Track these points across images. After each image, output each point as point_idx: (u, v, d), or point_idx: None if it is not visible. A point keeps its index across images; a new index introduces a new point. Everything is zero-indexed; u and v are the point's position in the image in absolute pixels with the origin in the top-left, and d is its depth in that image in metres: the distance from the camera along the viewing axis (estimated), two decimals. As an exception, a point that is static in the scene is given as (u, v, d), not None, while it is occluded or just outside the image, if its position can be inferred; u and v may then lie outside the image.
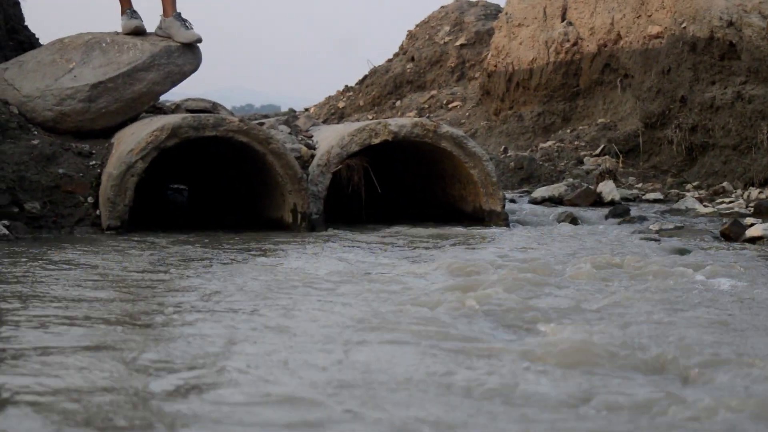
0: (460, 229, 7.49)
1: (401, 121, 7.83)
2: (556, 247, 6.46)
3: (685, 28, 11.38)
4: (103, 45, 8.19)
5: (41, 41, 9.99)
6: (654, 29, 13.05)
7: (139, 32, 8.36)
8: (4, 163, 7.27)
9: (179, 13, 8.28)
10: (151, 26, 8.42)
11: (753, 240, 6.78)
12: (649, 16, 13.27)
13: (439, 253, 6.10)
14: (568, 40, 15.02)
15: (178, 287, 4.82)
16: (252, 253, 6.13)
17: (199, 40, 8.27)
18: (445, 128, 7.81)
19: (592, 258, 5.61)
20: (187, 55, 8.24)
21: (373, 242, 6.79)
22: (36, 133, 7.80)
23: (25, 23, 10.19)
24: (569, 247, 6.46)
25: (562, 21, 15.26)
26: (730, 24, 10.62)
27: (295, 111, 24.07)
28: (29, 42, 9.82)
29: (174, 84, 8.26)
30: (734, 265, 5.41)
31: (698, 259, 5.77)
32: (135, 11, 8.45)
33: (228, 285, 4.80)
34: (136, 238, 6.78)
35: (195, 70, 8.38)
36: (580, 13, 14.95)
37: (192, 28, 8.24)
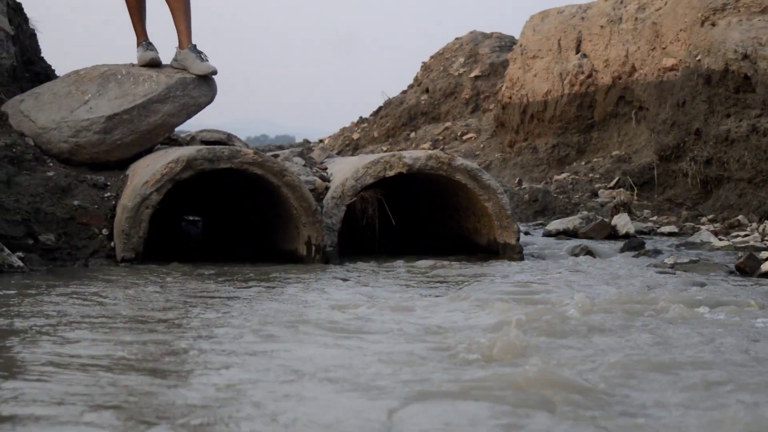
0: (475, 263, 7.45)
1: (416, 154, 7.83)
2: (575, 281, 6.43)
3: (699, 60, 11.37)
4: (119, 77, 8.21)
5: (57, 73, 10.03)
6: (669, 62, 13.05)
7: (154, 64, 8.38)
8: (20, 195, 7.28)
9: (195, 45, 8.30)
10: (166, 58, 8.45)
11: (768, 275, 6.75)
12: (664, 48, 13.27)
13: (466, 289, 6.04)
14: (583, 72, 15.03)
15: (193, 326, 4.79)
16: (269, 287, 6.09)
17: (215, 72, 8.28)
18: (460, 161, 7.80)
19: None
20: (202, 87, 8.25)
21: (392, 276, 6.75)
22: (51, 164, 7.81)
23: (41, 55, 10.23)
24: (586, 281, 6.42)
25: (577, 53, 15.28)
26: (745, 57, 10.62)
27: (309, 142, 24.13)
28: (45, 74, 9.85)
29: (189, 116, 8.27)
30: (750, 302, 5.37)
31: (714, 294, 5.72)
32: (151, 43, 8.48)
33: (247, 323, 4.74)
34: (150, 271, 6.76)
35: (210, 101, 8.39)
36: (594, 46, 14.96)
37: (207, 60, 8.26)
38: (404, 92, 21.60)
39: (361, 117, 22.14)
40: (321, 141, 22.73)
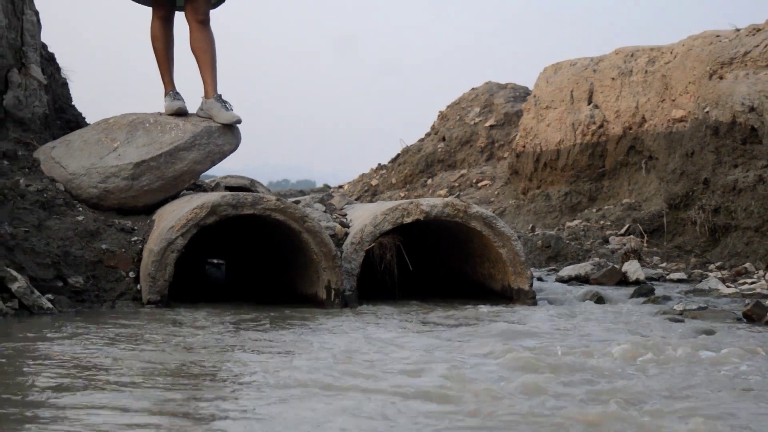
0: (491, 308, 7.43)
1: (432, 201, 7.82)
2: (589, 327, 6.41)
3: (708, 112, 11.36)
4: (147, 125, 8.24)
5: (87, 120, 10.08)
6: (678, 113, 13.05)
7: (181, 113, 8.41)
8: (50, 239, 7.30)
9: (220, 95, 8.33)
10: (192, 107, 8.49)
11: (775, 322, 6.71)
12: (673, 100, 13.27)
13: (485, 334, 6.02)
14: (595, 123, 15.04)
15: (225, 372, 4.78)
16: (294, 331, 6.07)
17: (239, 121, 8.31)
18: (475, 208, 7.80)
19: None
20: (227, 135, 8.28)
21: (413, 320, 6.74)
22: (81, 209, 7.83)
23: (72, 103, 10.29)
24: (600, 327, 6.40)
25: (589, 104, 15.29)
26: (752, 109, 10.60)
27: (329, 187, 24.15)
28: (76, 121, 9.90)
29: (214, 163, 8.29)
30: (757, 349, 5.35)
31: (722, 341, 5.70)
32: (178, 93, 8.52)
33: (277, 367, 4.72)
34: (174, 313, 6.76)
35: (235, 149, 8.41)
36: (606, 97, 14.98)
37: (232, 110, 8.29)
38: (421, 140, 21.62)
39: (379, 164, 22.16)
40: (341, 187, 22.76)
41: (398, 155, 21.62)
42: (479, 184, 18.74)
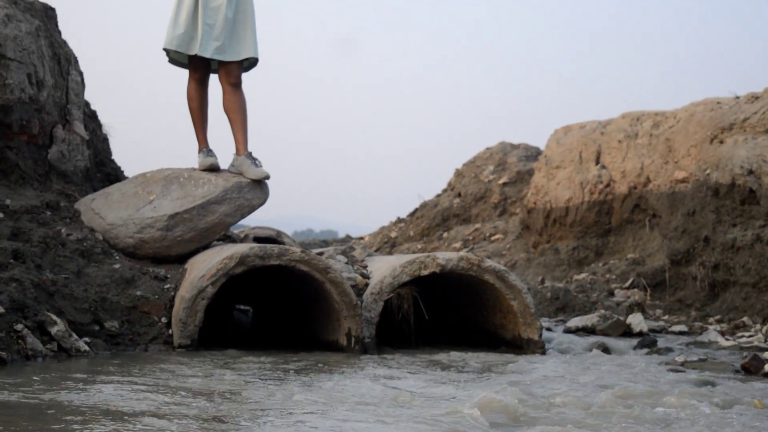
0: (502, 357, 7.41)
1: (448, 255, 7.83)
2: (598, 375, 6.39)
3: (708, 174, 11.36)
4: (181, 180, 8.29)
5: (126, 174, 10.14)
6: (680, 174, 13.05)
7: (213, 169, 8.46)
8: (88, 285, 7.32)
9: (250, 153, 8.38)
10: (224, 163, 8.53)
11: (771, 374, 6.67)
12: (676, 162, 13.28)
13: (498, 380, 6.01)
14: (602, 182, 15.04)
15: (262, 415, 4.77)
16: (319, 377, 6.04)
17: (268, 177, 8.35)
18: (489, 262, 7.79)
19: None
20: (256, 190, 8.31)
21: (430, 367, 6.72)
22: (118, 257, 7.86)
23: (112, 157, 10.36)
24: (609, 377, 6.38)
25: (597, 164, 15.30)
26: (750, 172, 10.60)
27: (351, 237, 24.17)
28: (115, 174, 9.97)
29: (243, 216, 8.32)
30: (756, 401, 5.31)
31: (721, 393, 5.67)
32: (211, 150, 8.57)
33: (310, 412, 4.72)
34: (204, 357, 6.76)
35: (263, 203, 8.45)
36: (612, 158, 14.99)
37: (261, 166, 8.33)
38: (438, 196, 21.66)
39: (398, 217, 22.19)
40: (362, 238, 22.77)
41: (416, 209, 21.66)
42: (492, 238, 18.72)
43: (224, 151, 8.54)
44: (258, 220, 10.97)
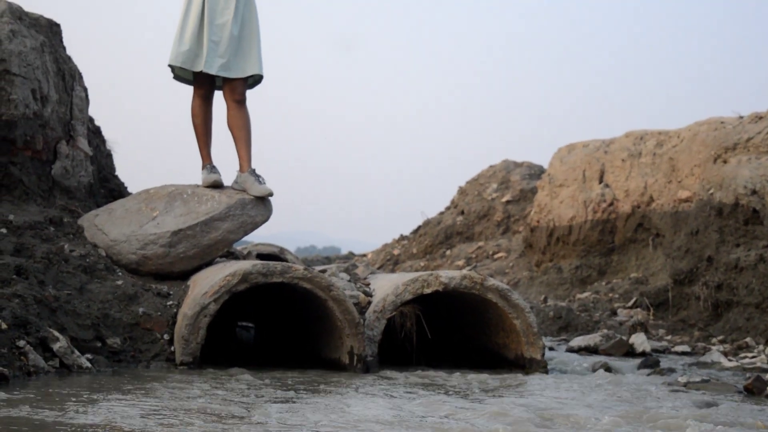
0: (506, 376, 7.36)
1: (451, 274, 7.79)
2: (601, 395, 6.34)
3: (712, 194, 11.33)
4: (185, 196, 8.26)
5: (129, 189, 10.12)
6: (684, 194, 13.02)
7: (217, 185, 8.43)
8: (91, 302, 7.29)
9: (254, 170, 8.36)
10: (228, 180, 8.51)
11: (774, 395, 6.62)
12: (680, 181, 13.25)
13: (504, 402, 5.97)
14: (605, 201, 15.01)
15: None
16: (321, 397, 6.00)
17: (271, 194, 8.32)
18: (491, 281, 7.76)
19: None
20: (259, 207, 8.28)
21: (432, 386, 6.68)
22: (120, 274, 7.83)
23: (116, 173, 10.34)
24: (612, 398, 6.34)
25: (600, 183, 15.28)
26: (754, 192, 10.57)
27: (354, 254, 24.14)
28: (118, 190, 9.95)
29: (246, 233, 8.29)
30: (758, 423, 5.27)
31: (724, 414, 5.63)
32: (214, 166, 8.55)
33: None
34: (206, 375, 6.72)
35: (266, 220, 8.42)
36: (616, 177, 14.97)
37: (264, 183, 8.31)
38: (441, 213, 21.63)
39: (401, 234, 22.16)
40: (365, 255, 22.74)
41: (419, 227, 21.62)
42: (495, 256, 18.69)
43: (227, 168, 8.54)
44: (261, 236, 10.94)
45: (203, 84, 8.49)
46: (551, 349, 9.49)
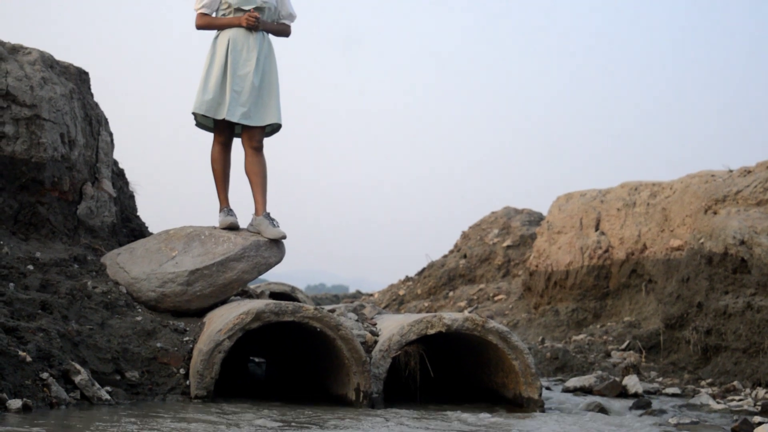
0: (509, 415, 7.35)
1: (454, 316, 7.80)
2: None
3: (702, 243, 11.33)
4: (202, 237, 8.29)
5: (150, 230, 10.15)
6: (675, 242, 13.02)
7: (233, 228, 8.47)
8: (111, 336, 7.31)
9: (268, 213, 8.40)
10: (243, 222, 8.54)
11: (761, 438, 6.59)
12: (672, 231, 13.26)
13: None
14: (601, 248, 15.01)
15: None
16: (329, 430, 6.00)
17: (284, 237, 8.35)
18: (492, 324, 7.76)
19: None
20: (273, 249, 8.31)
21: (440, 426, 6.66)
22: (140, 310, 7.85)
23: (138, 214, 10.38)
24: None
25: (596, 231, 15.29)
26: (742, 242, 10.58)
27: (361, 293, 24.13)
28: (140, 230, 9.98)
29: (260, 273, 8.32)
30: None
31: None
32: (231, 209, 8.59)
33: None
34: (220, 409, 6.71)
35: (279, 262, 8.45)
36: (611, 225, 14.98)
37: (278, 227, 8.34)
38: (445, 256, 21.62)
39: (407, 276, 22.14)
40: (371, 295, 22.72)
41: (424, 269, 21.61)
42: (495, 298, 18.66)
43: (243, 210, 8.56)
44: (274, 274, 10.97)
45: (223, 131, 8.55)
46: (548, 388, 9.47)
